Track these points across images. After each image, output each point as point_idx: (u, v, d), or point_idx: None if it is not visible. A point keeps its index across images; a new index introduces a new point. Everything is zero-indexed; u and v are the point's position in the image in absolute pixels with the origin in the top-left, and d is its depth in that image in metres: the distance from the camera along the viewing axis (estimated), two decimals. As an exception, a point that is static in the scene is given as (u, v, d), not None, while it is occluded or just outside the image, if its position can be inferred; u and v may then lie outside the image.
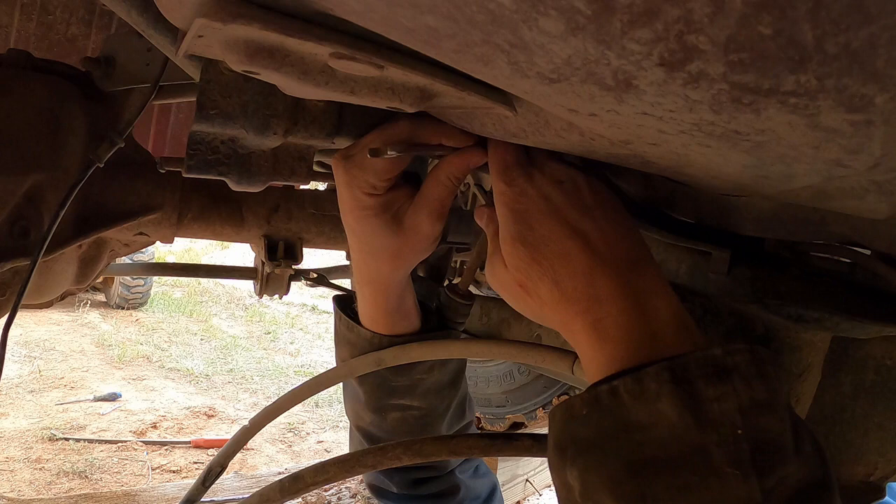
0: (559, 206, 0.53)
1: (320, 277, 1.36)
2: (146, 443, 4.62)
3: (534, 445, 0.63)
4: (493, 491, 0.92)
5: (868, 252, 0.60)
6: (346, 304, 0.79)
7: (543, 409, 2.16)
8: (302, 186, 1.24)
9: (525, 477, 2.93)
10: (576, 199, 0.53)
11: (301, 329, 7.89)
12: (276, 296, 1.37)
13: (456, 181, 0.64)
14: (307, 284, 1.37)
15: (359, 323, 0.75)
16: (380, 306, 0.73)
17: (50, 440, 4.47)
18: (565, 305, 0.51)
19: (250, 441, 0.90)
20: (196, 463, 4.36)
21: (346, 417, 0.87)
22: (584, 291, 0.50)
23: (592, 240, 0.51)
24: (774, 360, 0.44)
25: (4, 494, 3.60)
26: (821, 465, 0.43)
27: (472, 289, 0.81)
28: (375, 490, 0.88)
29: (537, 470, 2.97)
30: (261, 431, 0.90)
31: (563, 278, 0.51)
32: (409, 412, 0.79)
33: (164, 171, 1.01)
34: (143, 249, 1.35)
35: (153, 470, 4.24)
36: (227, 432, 4.79)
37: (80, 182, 0.80)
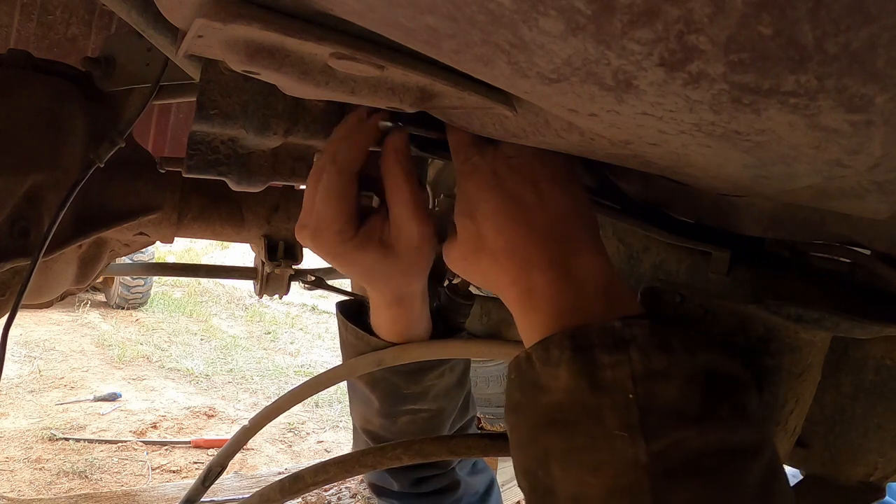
0: (504, 178, 0.54)
1: (318, 280, 1.36)
2: (146, 443, 4.62)
3: (534, 445, 0.63)
4: (491, 486, 0.92)
5: (868, 252, 0.60)
6: (350, 311, 0.78)
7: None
8: (302, 186, 1.24)
9: (525, 477, 2.93)
10: (523, 171, 0.54)
11: (301, 329, 7.89)
12: (276, 296, 1.37)
13: (408, 163, 0.61)
14: (304, 287, 1.37)
15: (367, 330, 0.74)
16: (402, 320, 0.72)
17: (50, 440, 4.47)
18: (500, 275, 0.53)
19: (250, 441, 0.91)
20: (196, 463, 4.37)
21: (346, 418, 0.87)
22: (515, 262, 0.51)
23: (531, 210, 0.52)
24: (685, 334, 0.45)
25: (4, 494, 3.60)
26: (747, 433, 0.43)
27: (472, 289, 0.81)
28: (376, 489, 0.88)
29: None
30: (261, 431, 0.90)
31: (499, 250, 0.52)
32: (419, 415, 0.79)
33: (164, 171, 1.01)
34: (143, 249, 1.36)
35: (153, 470, 4.25)
36: (227, 432, 4.80)
37: (81, 182, 0.80)
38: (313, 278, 1.36)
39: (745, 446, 0.42)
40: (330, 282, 1.42)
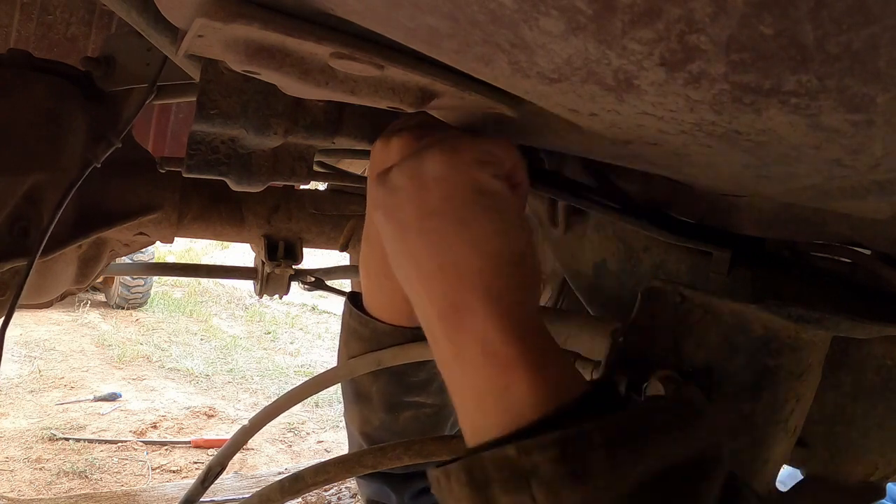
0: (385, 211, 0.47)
1: (318, 281, 1.36)
2: (146, 443, 4.62)
3: (534, 445, 0.63)
4: None
5: (868, 252, 0.60)
6: (356, 301, 0.77)
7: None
8: (302, 186, 1.24)
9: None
10: (386, 226, 0.46)
11: (301, 329, 7.89)
12: (276, 296, 1.37)
13: None
14: (304, 288, 1.37)
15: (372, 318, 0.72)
16: (386, 291, 0.69)
17: (50, 440, 4.47)
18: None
19: (250, 441, 0.91)
20: (196, 463, 4.36)
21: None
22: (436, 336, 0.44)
23: (410, 288, 0.45)
24: (616, 435, 0.35)
25: (4, 494, 3.60)
26: None
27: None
28: None
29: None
30: (261, 431, 0.89)
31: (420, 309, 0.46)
32: (423, 410, 0.77)
33: (164, 171, 1.01)
34: (143, 249, 1.36)
35: (153, 470, 4.25)
36: (227, 432, 4.79)
37: (78, 182, 0.80)
38: (313, 279, 1.36)
39: None
40: (329, 283, 1.42)
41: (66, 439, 4.51)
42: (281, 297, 1.39)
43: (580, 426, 0.34)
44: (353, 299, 0.77)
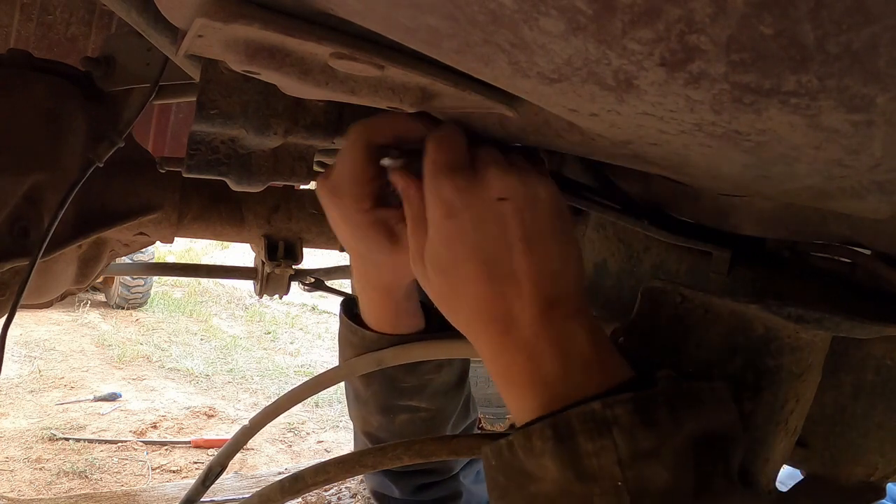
0: (486, 234, 0.49)
1: (317, 282, 1.36)
2: (146, 443, 4.62)
3: (534, 445, 0.63)
4: None
5: (868, 252, 0.60)
6: (348, 307, 0.78)
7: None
8: (302, 186, 1.24)
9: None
10: (510, 223, 0.49)
11: (301, 329, 7.88)
12: (276, 296, 1.37)
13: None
14: (304, 289, 1.37)
15: (361, 324, 0.74)
16: (385, 308, 0.72)
17: (50, 440, 4.47)
18: (479, 335, 0.52)
19: (250, 441, 0.91)
20: (196, 463, 4.37)
21: (346, 417, 0.86)
22: (496, 327, 0.50)
23: (516, 275, 0.49)
24: (672, 398, 0.44)
25: (4, 494, 3.60)
26: (741, 501, 0.44)
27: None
28: (377, 496, 0.87)
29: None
30: (261, 431, 0.90)
31: (476, 313, 0.51)
32: (418, 414, 0.78)
33: (164, 171, 1.01)
34: (143, 249, 1.36)
35: (153, 470, 4.25)
36: (227, 432, 4.79)
37: (80, 182, 0.80)
38: (312, 280, 1.36)
39: None
40: (329, 283, 1.42)
41: (66, 439, 4.51)
42: (281, 297, 1.39)
43: (647, 390, 0.44)
44: (346, 305, 0.77)
